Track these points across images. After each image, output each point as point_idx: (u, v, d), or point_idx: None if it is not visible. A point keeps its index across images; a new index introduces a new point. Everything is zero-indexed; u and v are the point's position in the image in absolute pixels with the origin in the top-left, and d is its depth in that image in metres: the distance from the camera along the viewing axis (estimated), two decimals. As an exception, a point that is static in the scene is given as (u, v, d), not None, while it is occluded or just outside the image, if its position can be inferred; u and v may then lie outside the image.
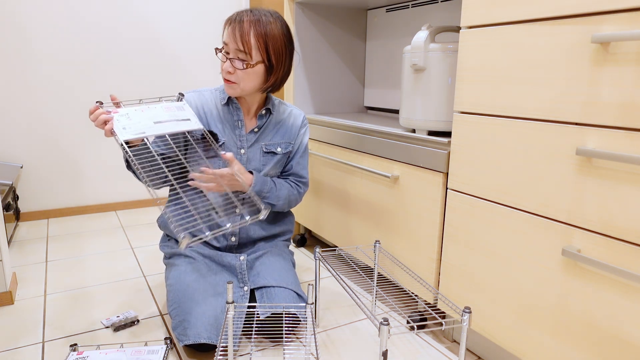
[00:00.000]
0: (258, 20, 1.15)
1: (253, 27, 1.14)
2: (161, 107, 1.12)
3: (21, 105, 2.11)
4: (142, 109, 1.08)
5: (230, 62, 1.17)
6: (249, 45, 1.14)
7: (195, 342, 1.06)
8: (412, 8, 1.67)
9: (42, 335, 1.23)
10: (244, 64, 1.16)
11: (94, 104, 1.05)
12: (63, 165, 2.25)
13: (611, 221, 0.78)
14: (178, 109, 1.15)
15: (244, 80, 1.18)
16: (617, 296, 0.78)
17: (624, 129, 0.75)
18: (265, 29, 1.15)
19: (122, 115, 1.05)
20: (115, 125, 1.02)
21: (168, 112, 1.12)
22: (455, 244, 1.10)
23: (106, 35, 2.22)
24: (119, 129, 1.01)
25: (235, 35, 1.14)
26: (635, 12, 0.72)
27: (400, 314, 1.36)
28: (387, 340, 0.81)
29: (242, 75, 1.17)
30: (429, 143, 1.15)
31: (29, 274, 1.61)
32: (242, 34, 1.14)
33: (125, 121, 1.04)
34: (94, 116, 1.04)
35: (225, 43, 1.18)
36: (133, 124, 1.04)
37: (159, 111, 1.11)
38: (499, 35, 0.93)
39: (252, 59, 1.16)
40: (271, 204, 1.28)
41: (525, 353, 0.96)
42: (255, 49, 1.15)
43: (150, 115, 1.09)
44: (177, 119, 1.12)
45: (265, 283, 1.21)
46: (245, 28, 1.14)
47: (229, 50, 1.17)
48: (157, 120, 1.09)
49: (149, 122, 1.07)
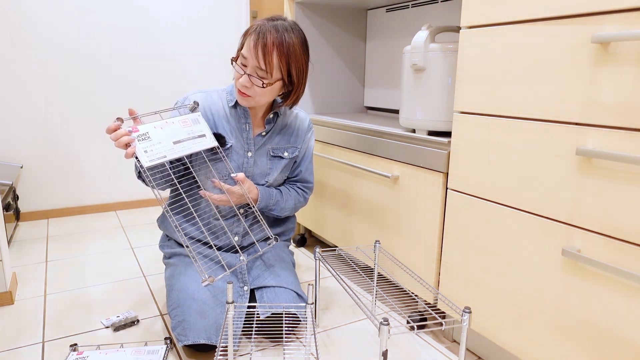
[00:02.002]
0: (282, 40, 1.10)
1: (277, 48, 1.10)
2: (178, 121, 1.11)
3: (21, 105, 2.11)
4: (160, 126, 1.07)
5: (249, 77, 1.13)
6: (271, 66, 1.11)
7: (195, 342, 1.06)
8: (412, 8, 1.67)
9: (42, 335, 1.23)
10: (264, 83, 1.12)
11: (114, 122, 1.02)
12: (63, 165, 2.25)
13: (611, 221, 0.78)
14: (194, 123, 1.14)
15: (259, 95, 1.15)
16: (617, 296, 0.78)
17: (624, 129, 0.75)
18: (288, 49, 1.11)
19: (142, 135, 1.04)
20: (137, 148, 1.02)
21: (185, 128, 1.12)
22: (455, 244, 1.10)
23: (107, 35, 2.22)
24: (140, 152, 1.02)
25: (258, 54, 1.10)
26: (635, 12, 0.72)
27: (400, 314, 1.36)
28: (387, 340, 0.81)
29: (259, 92, 1.14)
30: (429, 143, 1.15)
31: (29, 274, 1.61)
32: (265, 54, 1.09)
33: (146, 143, 1.04)
34: (114, 136, 1.02)
35: (244, 56, 1.13)
36: (154, 146, 1.05)
37: (177, 127, 1.10)
38: (499, 35, 0.93)
39: (272, 77, 1.13)
40: (276, 215, 1.30)
41: (525, 353, 0.96)
42: (276, 68, 1.12)
43: (169, 133, 1.08)
44: (194, 136, 1.12)
45: (265, 283, 1.21)
46: (269, 48, 1.09)
47: (247, 64, 1.13)
48: (176, 140, 1.09)
49: (169, 142, 1.07)
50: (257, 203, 1.23)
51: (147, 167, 1.03)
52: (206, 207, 1.27)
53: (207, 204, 1.27)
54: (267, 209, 1.27)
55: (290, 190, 1.33)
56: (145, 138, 1.04)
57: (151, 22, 2.31)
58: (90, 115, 2.26)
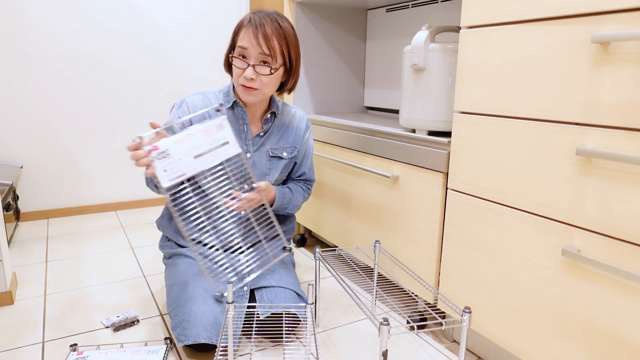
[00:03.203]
0: (279, 26, 1.14)
1: (275, 33, 1.13)
2: (201, 131, 1.08)
3: (21, 105, 2.11)
4: (182, 139, 1.05)
5: (253, 68, 1.13)
6: (274, 50, 1.13)
7: (195, 342, 1.06)
8: (412, 8, 1.67)
9: (42, 335, 1.23)
10: (271, 69, 1.14)
11: (135, 141, 1.01)
12: (63, 165, 2.25)
13: (611, 221, 0.78)
14: (218, 129, 1.10)
15: (267, 85, 1.16)
16: (617, 296, 0.78)
17: (624, 129, 0.75)
18: (285, 34, 1.15)
19: (162, 153, 1.02)
20: (156, 167, 1.01)
21: (208, 138, 1.09)
22: (455, 244, 1.10)
23: (107, 35, 2.22)
24: (160, 172, 1.01)
25: (260, 41, 1.11)
26: (635, 12, 0.72)
27: (400, 314, 1.36)
28: (387, 340, 0.81)
29: (266, 81, 1.15)
30: (429, 143, 1.15)
31: (29, 274, 1.61)
32: (266, 38, 1.11)
33: (166, 162, 1.02)
34: (134, 156, 1.00)
35: (243, 47, 1.14)
36: (173, 164, 1.03)
37: (199, 138, 1.07)
38: (499, 35, 0.93)
39: (276, 62, 1.15)
40: (288, 212, 1.32)
41: (525, 353, 0.96)
42: (279, 52, 1.14)
43: (190, 146, 1.06)
44: (216, 145, 1.09)
45: (265, 283, 1.21)
46: (268, 32, 1.12)
47: (247, 54, 1.14)
48: (197, 154, 1.07)
49: (189, 157, 1.05)
50: (274, 203, 1.25)
51: (166, 188, 1.02)
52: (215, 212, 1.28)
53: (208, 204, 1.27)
54: (282, 208, 1.29)
55: (297, 187, 1.36)
56: (165, 156, 1.02)
57: (151, 22, 2.31)
58: (90, 115, 2.26)
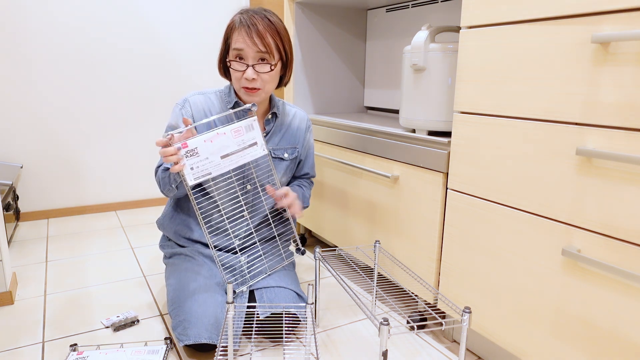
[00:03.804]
0: (269, 22, 1.14)
1: (268, 30, 1.13)
2: (230, 131, 1.08)
3: (21, 105, 2.11)
4: (211, 138, 1.05)
5: (253, 68, 1.14)
6: (270, 46, 1.14)
7: (196, 342, 1.06)
8: (412, 8, 1.67)
9: (42, 335, 1.23)
10: (271, 67, 1.15)
11: (165, 136, 1.01)
12: (63, 165, 2.25)
13: (611, 221, 0.78)
14: (247, 130, 1.11)
15: (268, 83, 1.17)
16: (617, 296, 0.78)
17: (624, 129, 0.75)
18: (277, 28, 1.15)
19: (191, 151, 1.03)
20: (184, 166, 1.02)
21: (237, 138, 1.09)
22: (455, 244, 1.10)
23: (107, 34, 2.22)
24: (187, 170, 1.03)
25: (254, 39, 1.12)
26: (635, 12, 0.72)
27: (400, 314, 1.36)
28: (387, 340, 0.81)
29: (267, 78, 1.16)
30: (429, 143, 1.15)
31: (29, 274, 1.61)
32: (261, 36, 1.12)
33: (194, 160, 1.04)
34: (163, 152, 1.01)
35: (238, 49, 1.14)
36: (200, 162, 1.04)
37: (229, 138, 1.08)
38: (499, 35, 0.93)
39: (274, 58, 1.16)
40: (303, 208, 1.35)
41: (525, 353, 0.96)
42: (275, 48, 1.15)
43: (219, 146, 1.07)
44: (244, 146, 1.10)
45: (265, 284, 1.21)
46: (261, 30, 1.12)
47: (244, 56, 1.14)
48: (224, 154, 1.08)
49: (216, 157, 1.06)
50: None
51: (191, 186, 1.03)
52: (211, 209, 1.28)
53: (211, 205, 1.27)
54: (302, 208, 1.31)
55: (303, 182, 1.40)
56: (193, 154, 1.04)
57: (151, 21, 2.31)
58: (91, 115, 2.26)
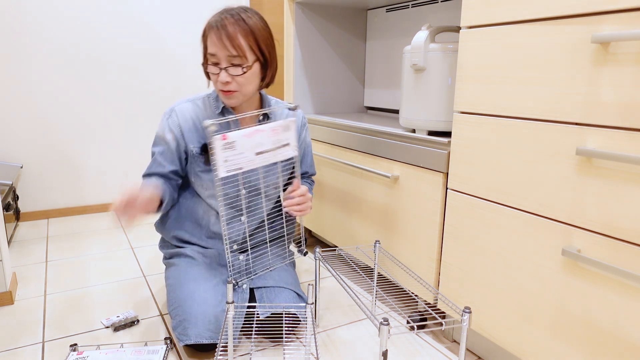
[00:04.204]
0: (240, 20, 1.10)
1: (239, 30, 1.09)
2: (269, 129, 1.08)
3: (21, 106, 2.11)
4: (249, 134, 1.06)
5: (226, 71, 1.11)
6: (242, 48, 1.09)
7: (197, 342, 1.06)
8: (412, 8, 1.67)
9: (42, 335, 1.23)
10: (243, 69, 1.11)
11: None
12: (63, 165, 2.25)
13: (611, 221, 0.78)
14: (284, 130, 1.11)
15: (244, 85, 1.14)
16: (617, 296, 0.78)
17: (624, 129, 0.75)
18: (250, 27, 1.10)
19: (229, 143, 1.03)
20: (217, 157, 1.02)
21: (273, 137, 1.09)
22: (455, 244, 1.10)
23: (107, 35, 2.22)
24: (220, 161, 1.03)
25: (225, 43, 1.09)
26: (635, 12, 0.72)
27: (400, 314, 1.36)
28: (387, 340, 0.81)
29: (242, 81, 1.13)
30: (429, 143, 1.15)
31: (29, 274, 1.61)
32: (230, 38, 1.08)
33: (229, 152, 1.04)
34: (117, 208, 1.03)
35: (211, 54, 1.11)
36: (235, 156, 1.05)
37: (266, 136, 1.08)
38: (499, 35, 0.93)
39: (247, 60, 1.11)
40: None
41: (525, 353, 0.96)
42: (248, 50, 1.11)
43: (256, 142, 1.07)
44: (278, 145, 1.11)
45: (265, 283, 1.21)
46: (232, 33, 1.08)
47: (218, 60, 1.11)
48: (259, 151, 1.08)
49: (251, 153, 1.07)
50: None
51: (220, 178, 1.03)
52: (204, 214, 1.28)
53: (206, 209, 1.27)
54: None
55: (305, 182, 1.40)
56: (230, 147, 1.04)
57: (151, 21, 2.31)
58: (90, 115, 2.26)
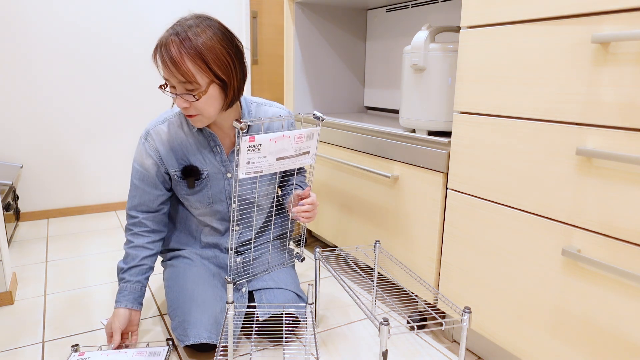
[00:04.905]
0: (185, 39, 0.98)
1: (184, 50, 0.98)
2: (294, 136, 1.06)
3: (21, 105, 2.11)
4: (275, 139, 1.03)
5: (181, 97, 1.02)
6: (189, 74, 0.98)
7: (196, 342, 1.05)
8: (412, 8, 1.67)
9: (42, 335, 1.23)
10: (195, 95, 1.01)
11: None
12: (63, 165, 2.25)
13: (611, 221, 0.78)
14: (308, 138, 1.10)
15: (203, 109, 1.04)
16: (617, 296, 0.78)
17: (624, 129, 0.75)
18: (197, 48, 0.98)
19: (254, 146, 1.01)
20: (241, 157, 1.00)
21: (297, 144, 1.08)
22: (455, 244, 1.10)
23: (107, 35, 2.22)
24: (243, 162, 1.01)
25: (170, 68, 0.99)
26: (635, 12, 0.72)
27: (400, 314, 1.36)
28: (387, 340, 0.81)
29: (200, 106, 1.03)
30: (429, 143, 1.15)
31: (29, 274, 1.61)
32: (175, 64, 0.98)
33: (253, 154, 1.02)
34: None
35: (165, 78, 1.03)
36: (258, 159, 1.03)
37: (290, 142, 1.07)
38: (499, 35, 0.93)
39: (200, 85, 1.01)
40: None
41: (525, 353, 0.96)
42: (197, 73, 0.99)
43: (279, 147, 1.05)
44: (299, 153, 1.10)
45: (264, 285, 1.21)
46: (175, 56, 0.97)
47: (172, 84, 1.03)
48: (281, 156, 1.07)
49: (273, 158, 1.05)
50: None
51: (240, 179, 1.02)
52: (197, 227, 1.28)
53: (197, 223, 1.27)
54: None
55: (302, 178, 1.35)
56: (255, 149, 1.01)
57: (151, 21, 2.31)
58: (91, 115, 2.26)
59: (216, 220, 1.25)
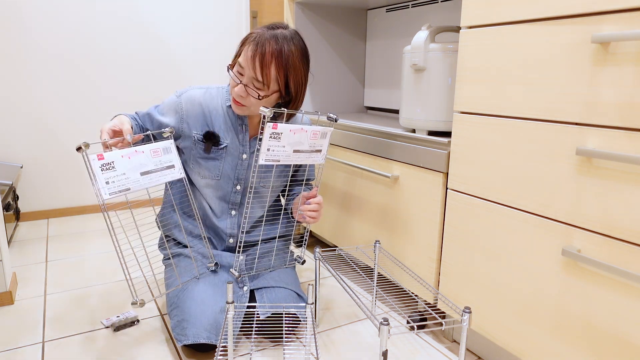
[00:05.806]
0: (280, 51, 1.07)
1: (275, 60, 1.07)
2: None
3: (21, 105, 2.11)
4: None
5: (245, 88, 1.10)
6: (268, 78, 1.07)
7: (195, 342, 1.06)
8: (412, 8, 1.67)
9: (42, 335, 1.23)
10: (260, 95, 1.10)
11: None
12: (63, 165, 2.25)
13: (611, 221, 0.78)
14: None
15: (255, 105, 1.13)
16: (617, 296, 0.78)
17: (624, 129, 0.75)
18: (287, 61, 1.08)
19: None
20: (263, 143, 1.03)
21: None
22: (455, 244, 1.10)
23: (106, 35, 2.22)
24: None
25: (255, 65, 1.07)
26: (635, 12, 0.72)
27: (400, 314, 1.36)
28: (387, 340, 0.81)
29: (254, 102, 1.12)
30: (429, 143, 1.15)
31: (29, 274, 1.61)
32: (262, 65, 1.06)
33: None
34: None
35: (240, 65, 1.10)
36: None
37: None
38: (499, 35, 0.93)
39: (268, 90, 1.10)
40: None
41: (525, 353, 0.96)
42: (274, 80, 1.09)
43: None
44: (313, 149, 1.11)
45: (265, 284, 1.21)
46: (267, 59, 1.06)
47: (243, 73, 1.10)
48: (297, 149, 1.08)
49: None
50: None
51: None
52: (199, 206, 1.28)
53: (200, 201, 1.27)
54: None
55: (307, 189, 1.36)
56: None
57: (150, 21, 2.31)
58: (90, 115, 2.26)
59: (216, 198, 1.25)
